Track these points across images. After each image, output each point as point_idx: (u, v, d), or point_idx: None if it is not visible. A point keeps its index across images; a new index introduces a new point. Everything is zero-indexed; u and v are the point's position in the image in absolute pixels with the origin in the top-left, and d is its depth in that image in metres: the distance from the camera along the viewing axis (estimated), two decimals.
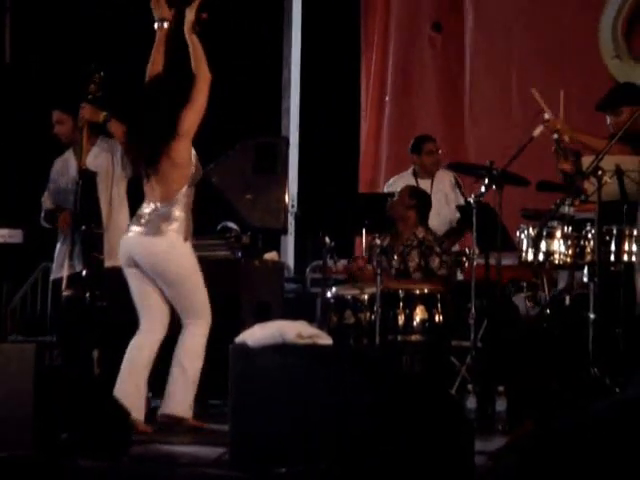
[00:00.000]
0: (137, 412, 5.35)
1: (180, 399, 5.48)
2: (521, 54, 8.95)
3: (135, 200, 5.99)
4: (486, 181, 6.17)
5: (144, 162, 5.45)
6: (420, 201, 6.87)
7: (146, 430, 5.36)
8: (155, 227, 5.41)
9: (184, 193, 5.45)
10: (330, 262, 7.00)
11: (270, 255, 7.43)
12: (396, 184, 7.50)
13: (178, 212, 5.43)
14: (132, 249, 5.48)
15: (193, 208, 5.50)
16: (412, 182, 7.42)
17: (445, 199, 7.43)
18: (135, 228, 5.49)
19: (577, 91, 7.75)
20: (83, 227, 5.85)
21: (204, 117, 5.42)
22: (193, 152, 5.48)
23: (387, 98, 9.53)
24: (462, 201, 7.16)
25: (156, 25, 5.50)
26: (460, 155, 8.62)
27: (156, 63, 5.53)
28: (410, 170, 7.66)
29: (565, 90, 6.63)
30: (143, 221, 5.47)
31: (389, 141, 9.60)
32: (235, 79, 8.78)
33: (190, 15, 5.41)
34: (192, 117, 5.40)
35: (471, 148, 7.59)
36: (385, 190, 7.74)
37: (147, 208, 5.48)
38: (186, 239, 5.44)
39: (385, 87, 9.62)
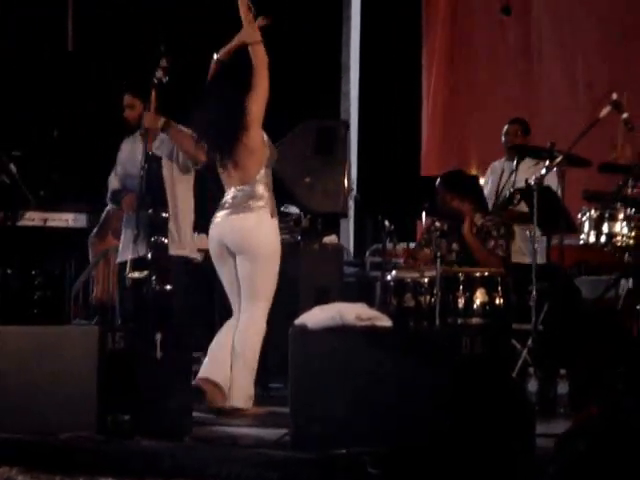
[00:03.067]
0: (222, 389, 5.50)
1: (241, 390, 5.51)
2: (586, 39, 8.84)
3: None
4: (547, 163, 6.11)
5: (219, 154, 5.51)
6: (468, 191, 6.71)
7: (225, 407, 5.44)
8: (241, 206, 5.49)
9: (262, 175, 5.53)
10: (390, 245, 6.98)
11: (329, 238, 7.44)
12: (494, 168, 7.37)
13: (261, 191, 5.51)
14: (222, 232, 5.55)
15: None
16: (505, 165, 7.26)
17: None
18: (221, 213, 5.57)
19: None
20: (149, 211, 5.89)
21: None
22: (264, 135, 5.54)
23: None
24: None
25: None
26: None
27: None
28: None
29: (629, 78, 6.52)
30: (227, 205, 5.55)
31: (451, 124, 9.54)
32: (295, 62, 8.78)
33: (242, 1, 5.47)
34: (258, 102, 5.46)
35: (536, 131, 7.49)
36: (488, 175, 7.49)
37: (229, 194, 5.56)
38: (272, 215, 5.51)
39: (449, 69, 9.56)
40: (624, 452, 1.91)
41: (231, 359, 5.55)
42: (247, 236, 5.49)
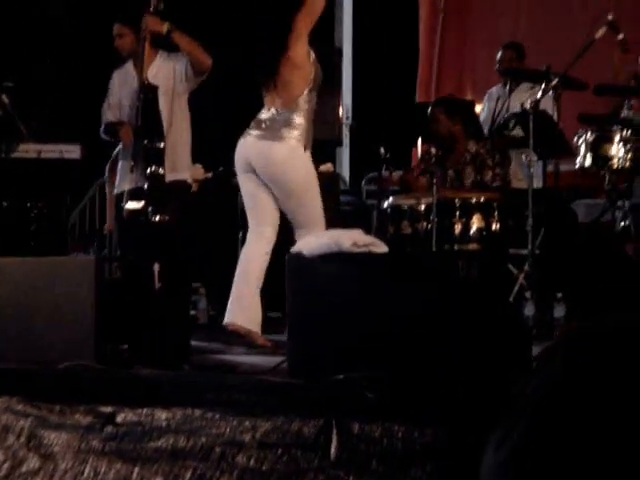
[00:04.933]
0: (253, 324, 5.35)
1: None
2: None
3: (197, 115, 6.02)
4: (543, 86, 6.06)
5: (264, 70, 5.38)
6: (460, 113, 6.69)
7: (265, 344, 5.34)
8: (275, 132, 5.35)
9: (305, 98, 5.35)
10: (386, 173, 6.96)
11: (325, 167, 7.42)
12: (490, 94, 7.32)
13: (299, 119, 5.35)
14: (249, 154, 5.43)
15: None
16: (500, 92, 7.23)
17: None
18: (254, 132, 5.43)
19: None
20: (145, 141, 5.85)
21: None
22: (312, 53, 5.40)
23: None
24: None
25: None
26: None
27: None
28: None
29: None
30: (263, 125, 5.40)
31: (447, 50, 9.47)
32: None
33: None
34: (308, 18, 5.30)
35: (529, 52, 7.43)
36: (485, 101, 7.45)
37: (266, 113, 5.40)
38: (306, 148, 5.37)
39: None
40: (600, 369, 1.91)
41: (254, 289, 5.44)
42: (276, 170, 5.36)
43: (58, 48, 8.56)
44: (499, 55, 7.26)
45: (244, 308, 5.36)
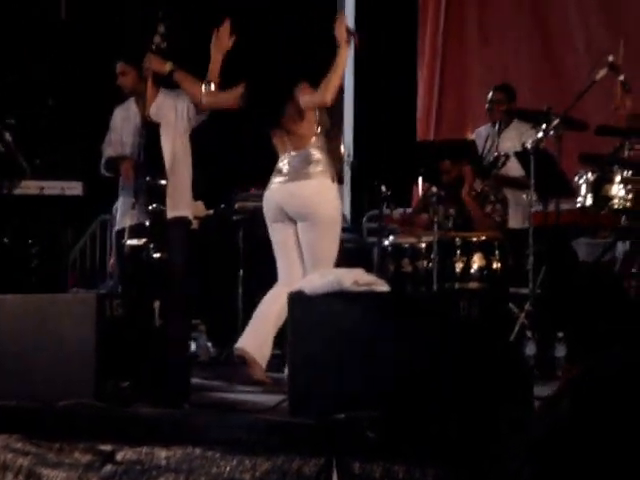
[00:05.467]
0: (262, 359, 5.38)
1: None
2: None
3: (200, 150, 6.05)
4: (544, 126, 6.09)
5: (269, 117, 5.45)
6: (466, 155, 6.73)
7: (265, 380, 5.37)
8: (300, 172, 5.40)
9: (315, 141, 5.44)
10: (387, 211, 6.97)
11: None
12: (479, 133, 7.40)
13: (318, 155, 5.42)
14: (278, 198, 5.46)
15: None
16: (490, 131, 7.30)
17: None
18: (278, 179, 5.48)
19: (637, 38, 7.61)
20: (147, 178, 5.86)
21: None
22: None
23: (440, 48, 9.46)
24: None
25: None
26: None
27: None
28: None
29: (625, 38, 6.50)
30: (285, 171, 5.46)
31: (447, 89, 9.52)
32: (288, 28, 8.73)
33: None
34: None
35: (527, 93, 7.48)
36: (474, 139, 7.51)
37: (284, 160, 5.48)
38: (333, 180, 5.42)
39: (443, 37, 9.53)
40: (607, 408, 1.91)
41: (272, 328, 5.46)
42: (309, 204, 5.37)
43: (60, 85, 8.60)
44: (489, 96, 7.34)
45: (258, 340, 5.40)
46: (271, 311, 5.46)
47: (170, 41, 5.89)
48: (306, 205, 5.40)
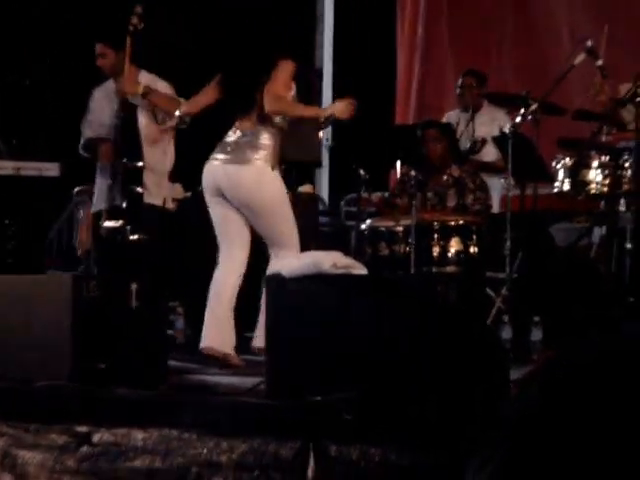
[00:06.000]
0: (227, 346, 5.38)
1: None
2: None
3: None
4: (522, 111, 6.10)
5: (241, 90, 5.42)
6: (446, 136, 6.75)
7: (238, 364, 5.37)
8: (241, 155, 5.36)
9: (277, 120, 5.39)
10: (364, 194, 6.97)
11: (305, 188, 7.43)
12: (449, 118, 7.43)
13: (265, 140, 5.37)
14: (217, 178, 5.42)
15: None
16: (461, 116, 7.32)
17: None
18: (220, 156, 5.44)
19: (621, 26, 7.61)
20: (124, 160, 5.84)
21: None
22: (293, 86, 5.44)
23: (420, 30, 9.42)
24: None
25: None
26: (496, 84, 8.50)
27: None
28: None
29: (609, 25, 6.50)
30: (229, 149, 5.41)
31: (426, 73, 9.50)
32: (268, 13, 8.70)
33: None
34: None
35: (508, 77, 7.49)
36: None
37: (232, 136, 5.42)
38: (273, 167, 5.37)
39: (418, 15, 9.51)
40: (577, 396, 1.92)
41: (228, 312, 5.46)
42: (243, 192, 5.36)
43: (37, 65, 8.54)
44: (460, 81, 7.38)
45: (219, 331, 5.39)
46: (222, 298, 5.46)
47: (147, 23, 5.86)
48: (242, 193, 5.36)
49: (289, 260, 4.55)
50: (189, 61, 7.93)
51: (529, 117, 6.12)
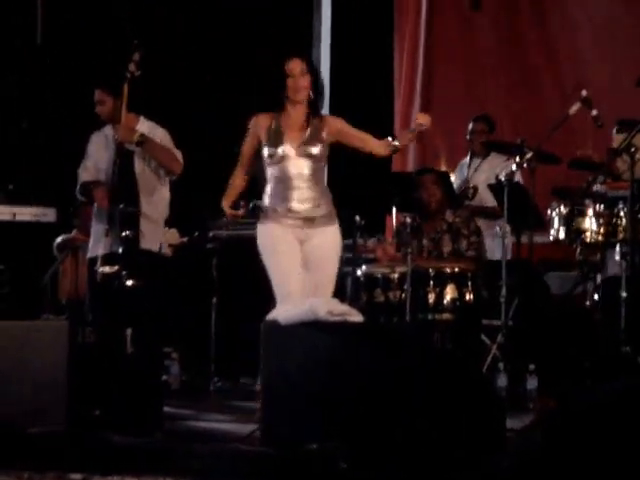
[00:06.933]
0: None
1: None
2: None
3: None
4: (517, 159, 6.14)
5: None
6: (443, 183, 6.77)
7: None
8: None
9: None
10: (360, 240, 6.99)
11: None
12: (462, 166, 7.44)
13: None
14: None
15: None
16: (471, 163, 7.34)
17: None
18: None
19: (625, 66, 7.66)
20: (121, 205, 5.85)
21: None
22: None
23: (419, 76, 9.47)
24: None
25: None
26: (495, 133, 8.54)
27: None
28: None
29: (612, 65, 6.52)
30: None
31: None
32: (265, 44, 8.72)
33: None
34: None
35: (505, 125, 7.52)
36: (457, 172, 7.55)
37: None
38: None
39: (420, 67, 9.56)
40: (577, 444, 1.93)
41: None
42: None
43: (35, 111, 8.57)
44: (470, 126, 7.37)
45: None
46: None
47: (144, 70, 5.90)
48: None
49: (285, 307, 4.55)
50: (188, 107, 7.97)
51: (524, 165, 6.15)
